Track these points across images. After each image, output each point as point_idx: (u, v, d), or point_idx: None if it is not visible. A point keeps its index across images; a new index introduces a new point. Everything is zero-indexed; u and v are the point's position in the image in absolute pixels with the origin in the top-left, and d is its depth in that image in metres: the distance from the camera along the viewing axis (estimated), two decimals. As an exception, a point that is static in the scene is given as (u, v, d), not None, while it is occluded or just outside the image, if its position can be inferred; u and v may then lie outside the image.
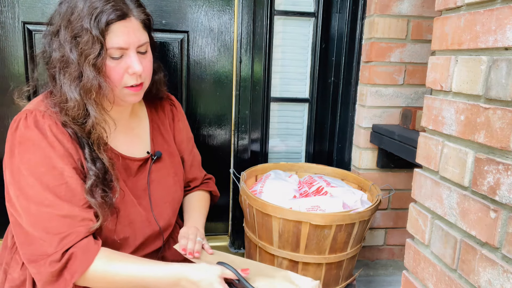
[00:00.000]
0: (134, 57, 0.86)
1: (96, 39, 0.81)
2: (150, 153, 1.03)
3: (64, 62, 0.83)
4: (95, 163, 0.87)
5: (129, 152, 1.00)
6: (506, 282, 0.63)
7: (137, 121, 1.05)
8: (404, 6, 1.48)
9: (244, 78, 1.54)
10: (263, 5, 1.49)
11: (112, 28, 0.83)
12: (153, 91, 1.05)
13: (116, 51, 0.84)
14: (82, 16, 0.81)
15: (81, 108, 0.83)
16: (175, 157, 1.11)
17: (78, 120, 0.84)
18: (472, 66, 0.72)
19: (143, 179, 1.01)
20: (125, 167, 0.98)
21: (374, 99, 1.55)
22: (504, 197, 0.64)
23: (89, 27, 0.80)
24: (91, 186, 0.85)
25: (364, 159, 1.61)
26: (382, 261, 1.76)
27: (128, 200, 0.96)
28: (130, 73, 0.87)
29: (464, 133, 0.73)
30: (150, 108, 1.09)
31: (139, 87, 0.91)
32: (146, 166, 1.02)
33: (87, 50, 0.81)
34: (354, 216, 1.20)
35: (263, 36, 1.53)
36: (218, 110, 1.58)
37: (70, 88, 0.83)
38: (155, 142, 1.06)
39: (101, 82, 0.83)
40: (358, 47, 1.58)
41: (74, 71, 0.82)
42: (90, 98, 0.83)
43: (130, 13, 0.86)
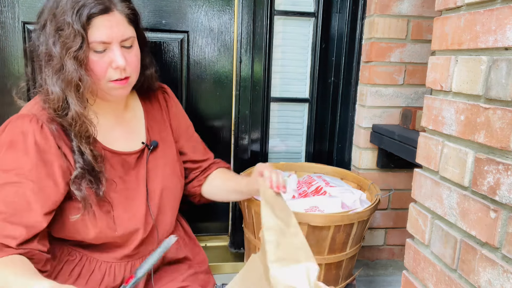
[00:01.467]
0: (117, 51, 0.86)
1: (77, 33, 0.81)
2: (146, 144, 1.03)
3: (48, 55, 0.85)
4: (82, 155, 0.87)
5: (126, 146, 1.00)
6: (506, 282, 0.63)
7: (131, 114, 1.05)
8: (404, 6, 1.48)
9: (244, 78, 1.54)
10: (263, 5, 1.49)
11: (94, 22, 0.83)
12: (144, 86, 1.05)
13: (99, 45, 0.85)
14: (65, 9, 0.82)
15: (61, 101, 0.84)
16: (172, 145, 1.11)
17: (59, 113, 0.85)
18: (472, 66, 0.72)
19: (142, 170, 1.01)
20: (122, 163, 0.98)
21: (374, 99, 1.55)
22: (504, 197, 0.64)
23: (71, 21, 0.81)
24: (75, 177, 0.86)
25: (364, 159, 1.61)
26: (382, 261, 1.76)
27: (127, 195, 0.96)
28: (114, 67, 0.87)
29: (464, 133, 0.73)
30: (144, 99, 1.09)
31: (125, 81, 0.91)
32: (143, 157, 1.03)
33: (68, 43, 0.82)
34: (352, 216, 1.20)
35: (263, 36, 1.53)
36: (218, 110, 1.58)
37: (52, 80, 0.84)
38: (150, 132, 1.06)
39: (82, 75, 0.84)
40: (358, 47, 1.58)
41: (56, 64, 0.83)
42: (71, 91, 0.84)
43: (113, 7, 0.86)
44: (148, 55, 1.04)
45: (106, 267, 0.97)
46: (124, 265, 0.99)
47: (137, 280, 0.89)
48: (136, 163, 1.01)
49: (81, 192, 0.86)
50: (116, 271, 0.98)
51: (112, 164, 0.96)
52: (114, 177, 0.95)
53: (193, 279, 1.07)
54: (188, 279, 1.07)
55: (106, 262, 0.97)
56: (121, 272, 0.98)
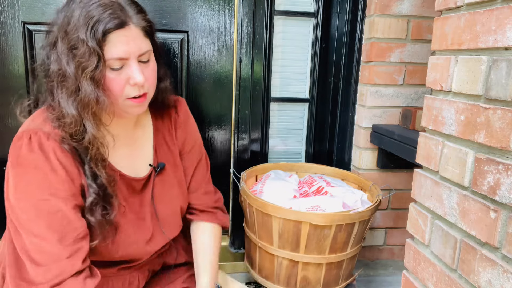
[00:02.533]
0: (135, 67, 0.81)
1: (93, 51, 0.76)
2: (153, 166, 0.99)
3: (61, 75, 0.79)
4: (95, 180, 0.83)
5: (131, 167, 0.95)
6: (506, 282, 0.63)
7: (141, 131, 1.00)
8: (404, 6, 1.48)
9: (244, 78, 1.54)
10: (263, 5, 1.49)
11: (110, 38, 0.78)
12: (158, 99, 0.99)
13: (116, 62, 0.80)
14: (78, 26, 0.77)
15: (78, 125, 0.80)
16: (179, 167, 1.05)
17: (75, 137, 0.81)
18: (472, 66, 0.72)
19: (148, 193, 0.97)
20: (127, 186, 0.94)
21: (374, 99, 1.55)
22: (504, 197, 0.64)
23: (85, 38, 0.76)
24: (91, 204, 0.82)
25: (364, 159, 1.61)
26: (382, 261, 1.76)
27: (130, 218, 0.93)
28: (132, 84, 0.82)
29: (464, 133, 0.73)
30: (156, 116, 1.03)
31: (143, 98, 0.86)
32: (150, 180, 0.98)
33: (84, 62, 0.77)
34: (354, 216, 1.20)
35: (263, 36, 1.53)
36: (218, 110, 1.58)
37: (67, 103, 0.79)
38: (158, 153, 1.01)
39: (99, 95, 0.79)
40: (358, 47, 1.58)
41: (71, 85, 0.79)
42: (88, 113, 0.79)
43: (129, 20, 0.80)
44: (163, 67, 0.98)
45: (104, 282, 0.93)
46: (122, 278, 0.97)
47: None
48: (142, 188, 0.97)
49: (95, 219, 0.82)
50: (114, 283, 0.96)
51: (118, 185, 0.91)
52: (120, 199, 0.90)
53: (192, 280, 1.07)
54: (187, 280, 1.06)
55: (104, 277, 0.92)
56: (119, 284, 0.96)
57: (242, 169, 1.51)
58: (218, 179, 1.40)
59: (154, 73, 0.89)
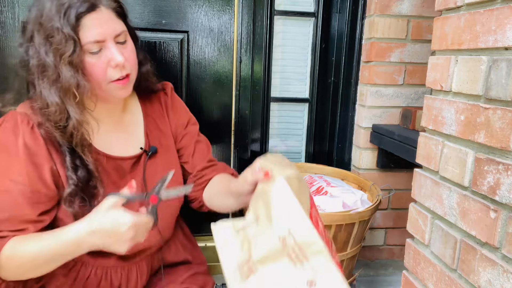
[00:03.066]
0: (113, 48, 0.83)
1: (68, 37, 0.78)
2: (144, 149, 0.99)
3: (41, 66, 0.81)
4: (76, 171, 0.84)
5: (121, 151, 0.96)
6: (506, 282, 0.63)
7: (130, 117, 1.01)
8: (404, 6, 1.48)
9: (244, 78, 1.54)
10: (263, 5, 1.49)
11: (84, 22, 0.80)
12: (142, 84, 1.01)
13: (93, 45, 0.82)
14: (51, 16, 0.79)
15: (63, 111, 0.82)
16: (172, 151, 1.07)
17: (60, 124, 0.82)
18: (472, 66, 0.72)
19: (138, 176, 0.97)
20: (116, 168, 0.94)
21: (374, 99, 1.55)
22: (504, 197, 0.64)
23: (59, 26, 0.78)
24: (69, 195, 0.83)
25: (364, 159, 1.61)
26: (382, 261, 1.76)
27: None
28: (113, 65, 0.84)
29: (464, 133, 0.73)
30: (144, 101, 1.05)
31: (126, 79, 0.88)
32: (140, 163, 0.99)
33: (61, 49, 0.79)
34: (354, 216, 1.20)
35: (263, 36, 1.53)
36: (218, 110, 1.58)
37: (50, 92, 0.81)
38: (150, 137, 1.02)
39: (80, 80, 0.81)
40: (358, 47, 1.58)
41: (52, 74, 0.80)
42: (70, 99, 0.81)
43: (99, 3, 0.83)
44: (141, 51, 0.99)
45: (102, 273, 0.95)
46: (121, 269, 0.97)
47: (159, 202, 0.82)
48: (131, 168, 0.97)
49: (73, 209, 0.83)
50: (113, 276, 0.96)
51: (106, 169, 0.92)
52: (108, 183, 0.91)
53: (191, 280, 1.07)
54: (187, 280, 1.06)
55: (102, 267, 0.95)
56: (117, 277, 0.96)
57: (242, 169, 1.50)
58: (218, 179, 1.39)
59: (133, 54, 0.90)
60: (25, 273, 0.81)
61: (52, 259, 0.80)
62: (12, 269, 0.79)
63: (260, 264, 0.65)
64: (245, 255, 0.68)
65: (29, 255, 0.78)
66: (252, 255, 0.66)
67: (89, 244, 0.78)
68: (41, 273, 0.83)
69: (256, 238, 0.68)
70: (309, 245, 0.64)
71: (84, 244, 0.78)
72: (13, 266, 0.79)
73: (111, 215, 0.75)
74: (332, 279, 0.62)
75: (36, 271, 0.82)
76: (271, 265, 0.65)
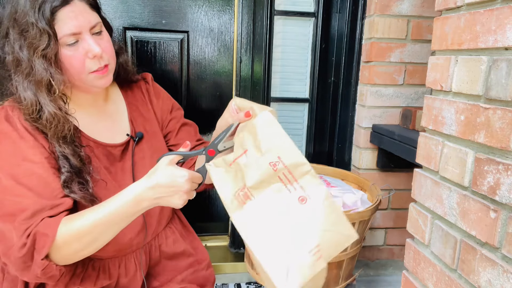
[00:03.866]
0: (90, 40, 0.85)
1: (43, 31, 0.80)
2: (131, 135, 1.02)
3: (16, 61, 0.83)
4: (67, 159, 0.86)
5: (110, 138, 0.98)
6: (506, 282, 0.63)
7: (114, 107, 1.03)
8: (404, 6, 1.48)
9: (244, 78, 1.54)
10: (263, 5, 1.49)
11: (59, 16, 0.82)
12: (121, 73, 1.03)
13: (69, 38, 0.83)
14: (26, 11, 0.80)
15: (35, 104, 0.83)
16: (158, 136, 1.09)
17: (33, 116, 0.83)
18: (472, 66, 0.72)
19: (128, 162, 1.00)
20: (107, 154, 0.97)
21: (374, 99, 1.55)
22: (504, 197, 0.64)
23: (34, 21, 0.79)
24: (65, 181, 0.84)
25: (364, 159, 1.61)
26: (382, 261, 1.76)
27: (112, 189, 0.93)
28: (91, 56, 0.86)
29: (464, 133, 0.73)
30: (125, 90, 1.08)
31: (105, 69, 0.90)
32: (129, 149, 1.01)
33: (35, 43, 0.80)
34: (354, 216, 1.20)
35: (263, 36, 1.53)
36: (218, 110, 1.58)
37: (23, 86, 0.82)
38: (135, 124, 1.04)
39: (53, 73, 0.82)
40: (358, 47, 1.58)
41: (25, 68, 0.82)
42: (42, 91, 0.82)
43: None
44: (116, 42, 1.01)
45: (100, 265, 0.95)
46: (118, 260, 0.98)
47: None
48: (121, 155, 0.99)
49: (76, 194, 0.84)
50: (111, 267, 0.96)
51: (97, 155, 0.94)
52: (100, 167, 0.93)
53: (191, 279, 1.07)
54: (187, 279, 1.06)
55: (99, 259, 0.95)
56: (116, 269, 0.97)
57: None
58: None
59: (109, 44, 0.92)
60: (84, 248, 0.82)
61: (112, 223, 0.81)
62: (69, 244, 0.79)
63: (254, 189, 0.72)
64: (240, 184, 0.73)
65: (87, 225, 0.79)
66: (246, 183, 0.72)
67: (148, 201, 0.80)
68: (97, 246, 0.83)
69: (248, 167, 0.74)
70: (297, 166, 0.72)
71: (144, 202, 0.80)
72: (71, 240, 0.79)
73: (168, 170, 0.79)
74: (320, 193, 0.70)
75: (93, 245, 0.82)
76: (265, 188, 0.72)
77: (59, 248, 0.79)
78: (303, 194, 0.70)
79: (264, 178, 0.72)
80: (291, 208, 0.70)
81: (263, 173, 0.72)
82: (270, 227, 0.70)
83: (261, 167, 0.72)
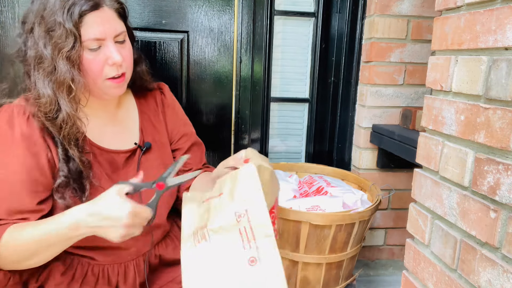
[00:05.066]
0: (112, 47, 0.86)
1: (70, 32, 0.80)
2: (138, 144, 1.01)
3: (38, 58, 0.83)
4: (67, 163, 0.86)
5: (116, 145, 0.98)
6: (506, 282, 0.63)
7: (125, 113, 1.03)
8: (404, 6, 1.48)
9: (244, 78, 1.54)
10: (263, 5, 1.49)
11: (86, 20, 0.83)
12: (137, 82, 1.04)
13: (93, 42, 0.84)
14: (55, 10, 0.81)
15: (53, 103, 0.83)
16: (166, 148, 1.08)
17: (50, 115, 0.84)
18: (472, 66, 0.72)
19: (132, 171, 0.98)
20: (110, 161, 0.96)
21: (374, 99, 1.55)
22: (504, 197, 0.64)
23: (62, 21, 0.80)
24: (58, 186, 0.84)
25: (364, 159, 1.61)
26: (382, 261, 1.76)
27: None
28: (110, 63, 0.86)
29: (464, 133, 0.73)
30: (139, 99, 1.07)
31: (121, 78, 0.90)
32: (134, 158, 1.00)
33: (60, 43, 0.80)
34: (354, 216, 1.20)
35: (263, 36, 1.53)
36: (218, 110, 1.58)
37: (44, 83, 0.83)
38: (144, 133, 1.03)
39: (75, 75, 0.82)
40: (358, 47, 1.58)
41: (48, 66, 0.82)
42: (63, 91, 0.83)
43: (102, 2, 0.85)
44: (137, 51, 1.02)
45: (99, 270, 0.94)
46: (118, 266, 0.97)
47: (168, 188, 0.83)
48: (125, 163, 0.98)
49: (65, 200, 0.84)
50: (110, 274, 0.96)
51: (99, 161, 0.94)
52: (101, 174, 0.93)
53: None
54: None
55: (99, 264, 0.95)
56: (115, 274, 0.96)
57: (242, 169, 1.51)
58: (218, 179, 1.39)
59: (130, 53, 0.93)
60: (21, 261, 0.81)
61: (48, 244, 0.79)
62: (9, 255, 0.79)
63: (213, 232, 0.72)
64: (203, 223, 0.74)
65: (25, 239, 0.78)
66: (208, 224, 0.73)
67: (85, 228, 0.77)
68: (36, 261, 0.82)
69: (216, 210, 0.74)
70: (260, 227, 0.71)
71: (81, 228, 0.77)
72: (10, 253, 0.79)
73: (112, 199, 0.77)
74: (273, 263, 0.69)
75: (31, 259, 0.81)
76: (222, 235, 0.72)
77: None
78: (256, 255, 0.70)
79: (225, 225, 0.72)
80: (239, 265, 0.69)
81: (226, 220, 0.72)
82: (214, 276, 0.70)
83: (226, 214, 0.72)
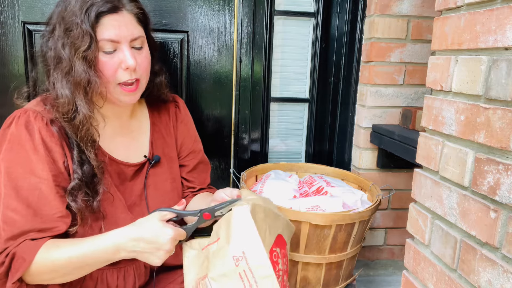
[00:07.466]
0: (127, 51, 0.85)
1: (85, 32, 0.81)
2: (148, 158, 1.00)
3: (57, 58, 0.84)
4: (82, 166, 0.86)
5: (125, 156, 0.97)
6: (506, 282, 0.63)
7: (137, 124, 1.02)
8: (404, 6, 1.48)
9: (244, 78, 1.54)
10: (263, 5, 1.49)
11: (103, 21, 0.83)
12: (154, 93, 1.03)
13: (108, 44, 0.84)
14: (74, 11, 0.82)
15: (71, 104, 0.83)
16: (175, 162, 1.08)
17: (68, 116, 0.84)
18: (472, 66, 0.72)
19: (139, 184, 0.98)
20: (119, 172, 0.96)
21: (374, 99, 1.55)
22: (504, 197, 0.64)
23: (79, 21, 0.81)
24: (72, 188, 0.84)
25: (364, 159, 1.61)
26: (382, 261, 1.76)
27: (119, 206, 0.93)
28: (123, 68, 0.86)
29: (464, 133, 0.73)
30: (153, 110, 1.06)
31: (135, 86, 0.89)
32: (143, 170, 1.00)
33: (77, 43, 0.81)
34: (354, 216, 1.20)
35: (263, 36, 1.53)
36: (218, 110, 1.58)
37: (62, 84, 0.83)
38: (154, 146, 1.03)
39: (91, 76, 0.83)
40: (358, 47, 1.58)
41: (65, 67, 0.83)
42: (80, 93, 0.83)
43: (122, 6, 0.86)
44: (158, 62, 1.01)
45: (98, 275, 0.94)
46: (117, 271, 0.96)
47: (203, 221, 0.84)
48: (133, 175, 0.98)
49: (76, 204, 0.84)
50: (109, 279, 0.95)
51: (109, 172, 0.93)
52: (110, 185, 0.92)
53: None
54: None
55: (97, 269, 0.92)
56: (114, 279, 0.95)
57: (242, 169, 1.51)
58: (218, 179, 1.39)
59: (147, 61, 0.92)
60: (54, 279, 0.82)
61: (85, 264, 0.81)
62: (42, 273, 0.80)
63: (214, 280, 0.72)
64: (203, 272, 0.74)
65: (63, 260, 0.79)
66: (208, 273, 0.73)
67: (126, 252, 0.80)
68: (67, 279, 0.83)
69: (215, 257, 0.74)
70: (259, 268, 0.71)
71: (122, 251, 0.80)
72: (45, 271, 0.79)
73: (155, 225, 0.79)
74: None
75: (65, 277, 0.82)
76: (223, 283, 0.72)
77: (31, 274, 0.79)
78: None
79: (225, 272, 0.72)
80: None
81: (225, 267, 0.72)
82: None
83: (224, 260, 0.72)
